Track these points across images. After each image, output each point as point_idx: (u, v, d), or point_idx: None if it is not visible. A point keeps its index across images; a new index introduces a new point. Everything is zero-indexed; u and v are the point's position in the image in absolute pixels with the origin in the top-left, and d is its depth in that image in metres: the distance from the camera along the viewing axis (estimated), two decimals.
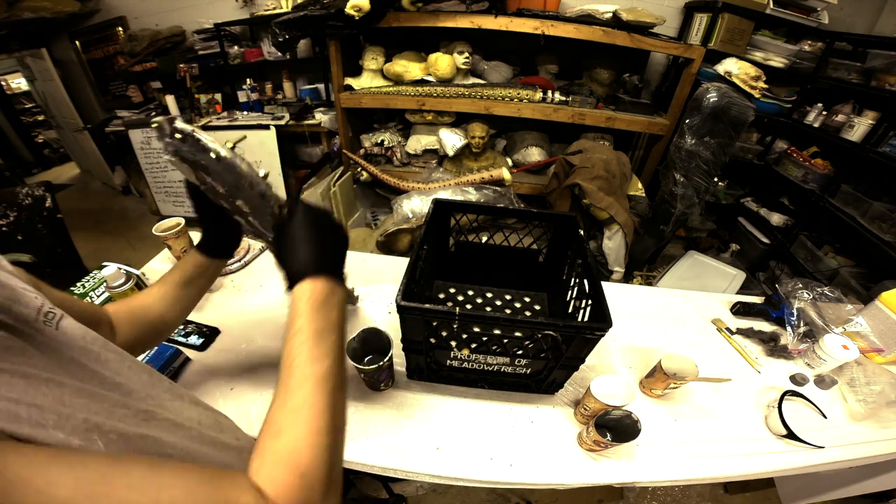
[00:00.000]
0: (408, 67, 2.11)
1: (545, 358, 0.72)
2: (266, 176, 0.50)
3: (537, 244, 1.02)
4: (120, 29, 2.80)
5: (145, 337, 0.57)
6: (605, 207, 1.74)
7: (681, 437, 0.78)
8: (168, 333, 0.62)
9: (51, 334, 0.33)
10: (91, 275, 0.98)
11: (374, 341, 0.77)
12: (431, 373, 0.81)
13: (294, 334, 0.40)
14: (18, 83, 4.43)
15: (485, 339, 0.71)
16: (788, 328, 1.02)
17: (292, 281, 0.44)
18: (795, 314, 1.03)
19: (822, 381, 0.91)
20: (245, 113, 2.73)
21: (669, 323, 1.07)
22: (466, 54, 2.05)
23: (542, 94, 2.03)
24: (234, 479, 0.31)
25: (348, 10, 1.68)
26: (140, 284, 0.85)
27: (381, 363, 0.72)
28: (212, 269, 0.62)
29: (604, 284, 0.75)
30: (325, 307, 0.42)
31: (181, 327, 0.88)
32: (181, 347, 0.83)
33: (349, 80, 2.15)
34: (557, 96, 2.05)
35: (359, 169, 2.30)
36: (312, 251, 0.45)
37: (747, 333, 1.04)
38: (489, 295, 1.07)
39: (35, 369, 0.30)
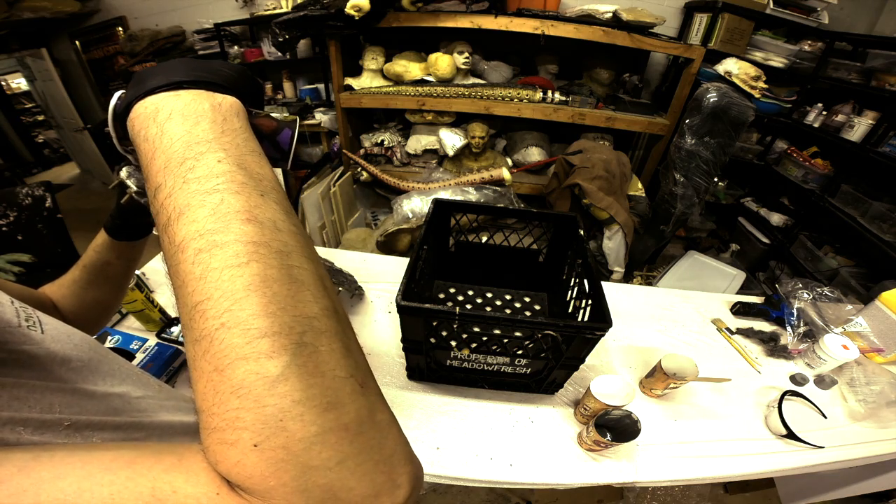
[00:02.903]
0: (408, 67, 2.11)
1: (545, 358, 0.72)
2: None
3: (537, 244, 1.02)
4: (120, 29, 2.80)
5: (91, 314, 0.54)
6: (605, 207, 1.74)
7: (681, 437, 0.79)
8: (112, 312, 0.60)
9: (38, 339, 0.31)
10: None
11: None
12: (431, 373, 0.81)
13: (161, 205, 0.22)
14: (18, 83, 4.43)
15: (485, 338, 0.71)
16: (788, 328, 1.02)
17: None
18: (795, 314, 1.03)
19: (822, 381, 0.92)
20: None
21: (669, 323, 1.07)
22: (466, 54, 2.04)
23: (542, 94, 2.03)
24: (181, 457, 0.20)
25: (348, 10, 1.68)
26: (140, 285, 0.85)
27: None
28: (130, 249, 0.54)
29: (604, 284, 0.75)
30: (199, 124, 0.24)
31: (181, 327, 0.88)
32: (181, 347, 0.83)
33: (349, 80, 2.14)
34: (557, 96, 2.05)
35: (359, 169, 2.30)
36: (165, 69, 0.27)
37: (747, 333, 1.04)
38: (489, 295, 1.07)
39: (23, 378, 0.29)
